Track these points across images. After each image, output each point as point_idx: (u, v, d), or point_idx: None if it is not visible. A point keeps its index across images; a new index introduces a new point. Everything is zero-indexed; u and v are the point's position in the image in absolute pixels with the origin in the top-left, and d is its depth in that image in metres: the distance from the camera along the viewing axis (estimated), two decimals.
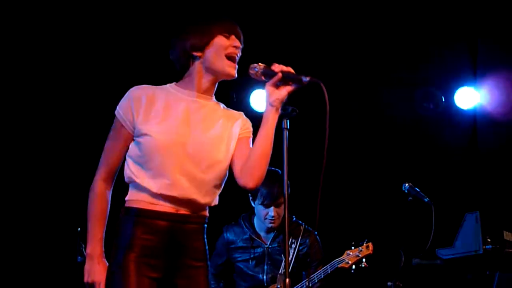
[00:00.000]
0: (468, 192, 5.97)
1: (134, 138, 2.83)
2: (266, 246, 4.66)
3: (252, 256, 4.65)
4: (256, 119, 2.91)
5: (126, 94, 2.86)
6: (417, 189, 4.73)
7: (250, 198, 4.72)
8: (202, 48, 2.85)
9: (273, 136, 2.82)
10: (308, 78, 2.72)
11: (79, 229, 4.61)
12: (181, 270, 2.80)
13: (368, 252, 4.59)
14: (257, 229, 4.71)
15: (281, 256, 4.61)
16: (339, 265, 4.58)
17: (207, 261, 2.87)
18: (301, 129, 3.78)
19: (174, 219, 2.79)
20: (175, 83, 2.94)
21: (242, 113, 3.00)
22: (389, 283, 4.60)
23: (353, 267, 4.60)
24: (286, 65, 2.77)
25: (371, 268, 4.65)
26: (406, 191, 4.74)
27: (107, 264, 2.82)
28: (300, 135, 3.65)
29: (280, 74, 2.75)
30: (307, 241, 4.70)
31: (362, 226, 6.23)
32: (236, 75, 2.88)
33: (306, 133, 5.27)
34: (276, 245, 4.65)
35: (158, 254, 2.75)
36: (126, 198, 2.85)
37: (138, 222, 2.76)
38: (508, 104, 5.93)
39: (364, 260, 4.58)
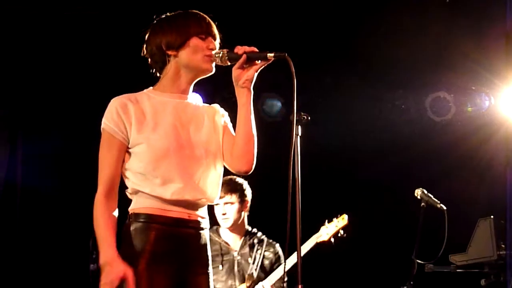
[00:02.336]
0: (482, 197, 5.94)
1: (128, 148, 2.78)
2: (235, 252, 4.70)
3: (222, 263, 4.69)
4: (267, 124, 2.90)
5: (109, 106, 2.80)
6: (430, 195, 4.72)
7: None
8: (177, 48, 2.83)
9: (252, 117, 2.83)
10: (273, 53, 2.72)
11: (91, 240, 4.62)
12: (190, 277, 2.78)
13: (345, 223, 4.67)
14: (224, 237, 4.75)
15: (248, 262, 4.66)
16: (318, 240, 4.64)
17: (209, 267, 2.87)
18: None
19: (187, 225, 2.78)
20: (151, 87, 2.90)
21: (216, 105, 3.00)
22: None
23: (332, 239, 4.66)
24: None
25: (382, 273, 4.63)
26: (419, 197, 4.73)
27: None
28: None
29: (245, 56, 2.75)
30: (272, 249, 4.79)
31: (376, 232, 6.22)
32: (214, 70, 2.85)
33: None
34: (246, 250, 4.71)
35: (170, 261, 2.73)
36: (132, 207, 2.79)
37: (150, 228, 2.74)
38: None
39: (342, 231, 4.62)
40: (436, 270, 5.00)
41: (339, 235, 4.67)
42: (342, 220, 4.69)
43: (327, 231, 4.68)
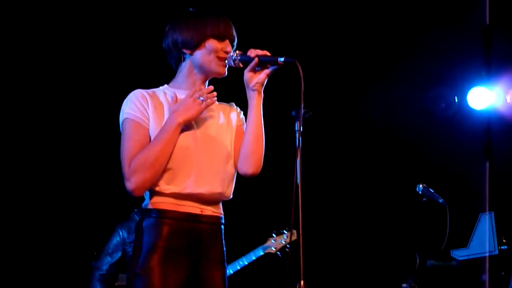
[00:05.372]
0: (483, 192, 5.92)
1: None
2: None
3: None
4: None
5: (128, 99, 2.81)
6: (432, 190, 4.71)
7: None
8: (192, 48, 2.84)
9: (262, 120, 2.86)
10: (283, 58, 2.76)
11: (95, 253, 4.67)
12: (204, 272, 2.79)
13: (293, 238, 4.62)
14: None
15: None
16: (265, 251, 4.69)
17: (225, 262, 2.86)
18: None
19: (200, 220, 2.78)
20: (166, 84, 2.93)
21: (233, 103, 3.02)
22: (404, 285, 4.58)
23: (279, 253, 4.72)
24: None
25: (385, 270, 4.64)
26: (420, 192, 4.73)
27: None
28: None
29: (257, 59, 2.78)
30: None
31: (377, 227, 6.21)
32: (226, 73, 2.89)
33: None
34: None
35: (183, 256, 2.74)
36: (145, 203, 2.81)
37: (162, 223, 2.74)
38: None
39: (288, 246, 4.66)
40: (437, 265, 5.01)
41: (286, 249, 4.70)
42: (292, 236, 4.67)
43: (274, 245, 4.72)
